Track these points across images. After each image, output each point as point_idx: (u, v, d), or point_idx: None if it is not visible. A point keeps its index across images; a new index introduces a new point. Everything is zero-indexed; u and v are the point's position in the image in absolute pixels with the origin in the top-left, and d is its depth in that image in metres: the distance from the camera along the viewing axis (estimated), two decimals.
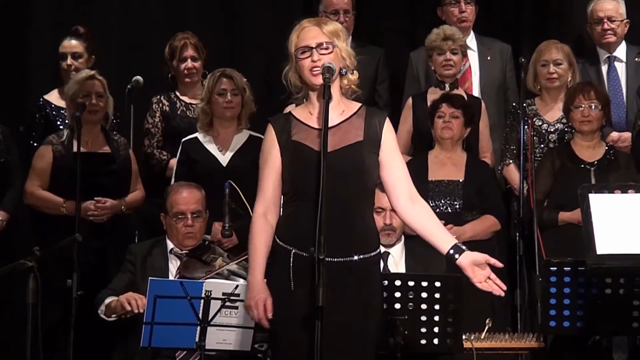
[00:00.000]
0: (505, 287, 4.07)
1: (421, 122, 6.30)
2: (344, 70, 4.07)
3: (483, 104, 6.45)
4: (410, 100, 6.48)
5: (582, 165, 6.00)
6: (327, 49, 4.02)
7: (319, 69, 4.01)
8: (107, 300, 5.19)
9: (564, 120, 6.19)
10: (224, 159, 5.98)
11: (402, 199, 4.11)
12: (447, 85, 6.43)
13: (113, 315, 5.15)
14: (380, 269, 4.28)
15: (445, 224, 5.75)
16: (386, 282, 4.77)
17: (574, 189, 5.44)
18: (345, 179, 4.00)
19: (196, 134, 6.04)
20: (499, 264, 4.07)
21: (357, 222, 4.03)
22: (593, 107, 5.96)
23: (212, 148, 6.00)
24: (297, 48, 4.05)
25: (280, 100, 4.90)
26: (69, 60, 6.45)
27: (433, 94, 6.40)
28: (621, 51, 6.69)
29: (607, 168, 5.97)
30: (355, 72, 4.13)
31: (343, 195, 3.98)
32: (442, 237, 4.12)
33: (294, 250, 3.99)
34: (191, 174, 5.85)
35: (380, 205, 5.24)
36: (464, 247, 4.06)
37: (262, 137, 5.91)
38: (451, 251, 4.05)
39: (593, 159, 6.02)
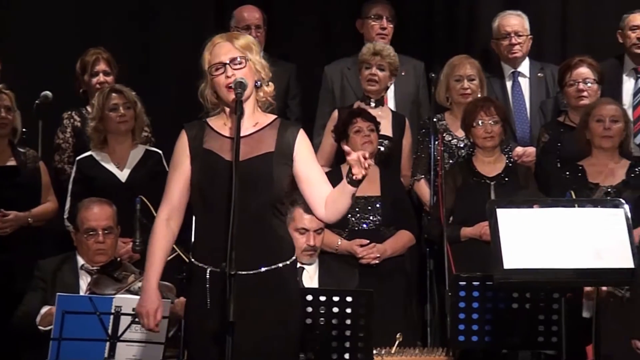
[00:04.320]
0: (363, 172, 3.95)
1: None
2: (259, 82, 4.09)
3: (407, 121, 6.51)
4: (335, 112, 6.47)
5: (483, 181, 6.04)
6: (240, 63, 4.04)
7: (245, 78, 4.02)
8: (43, 311, 5.14)
9: None
10: (123, 175, 6.01)
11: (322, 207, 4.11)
12: (372, 101, 6.46)
13: (49, 326, 5.05)
14: (297, 278, 4.33)
15: (368, 243, 5.91)
16: None
17: (476, 204, 5.69)
18: (254, 189, 4.00)
19: (90, 152, 6.05)
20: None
21: (268, 232, 4.05)
22: (494, 122, 6.01)
23: (108, 165, 6.02)
24: (211, 65, 4.06)
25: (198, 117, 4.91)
26: None
27: None
28: (525, 67, 6.84)
29: (506, 183, 6.02)
30: (270, 83, 4.15)
31: (252, 205, 3.99)
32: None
33: (209, 269, 4.00)
34: (89, 192, 5.83)
35: (303, 226, 5.32)
36: None
37: (158, 151, 6.00)
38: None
39: (493, 173, 6.07)
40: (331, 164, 6.30)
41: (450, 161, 6.31)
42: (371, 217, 6.02)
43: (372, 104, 6.44)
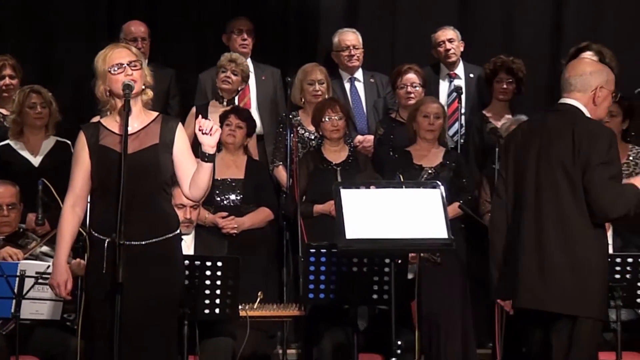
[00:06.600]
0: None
1: None
2: (145, 86, 4.54)
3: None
4: (194, 109, 7.03)
5: (330, 166, 6.62)
6: (136, 66, 4.49)
7: (132, 82, 4.43)
8: None
9: None
10: (36, 161, 6.57)
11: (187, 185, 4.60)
12: (225, 100, 7.05)
13: None
14: (181, 248, 4.68)
15: (227, 215, 6.34)
16: None
17: (324, 186, 6.13)
18: (143, 176, 4.43)
19: (7, 141, 6.56)
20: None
21: (157, 211, 4.49)
22: (339, 118, 6.62)
23: (23, 152, 6.56)
24: (112, 65, 4.46)
25: (94, 111, 5.40)
26: None
27: (213, 107, 7.06)
28: (359, 74, 7.51)
29: (349, 168, 6.61)
30: (149, 91, 4.59)
31: (142, 189, 4.44)
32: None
33: (107, 240, 4.42)
34: (6, 175, 6.31)
35: (181, 202, 5.61)
36: None
37: (67, 141, 6.42)
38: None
39: (339, 160, 6.66)
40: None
41: (304, 151, 6.86)
42: (234, 196, 6.60)
43: (225, 103, 7.05)
